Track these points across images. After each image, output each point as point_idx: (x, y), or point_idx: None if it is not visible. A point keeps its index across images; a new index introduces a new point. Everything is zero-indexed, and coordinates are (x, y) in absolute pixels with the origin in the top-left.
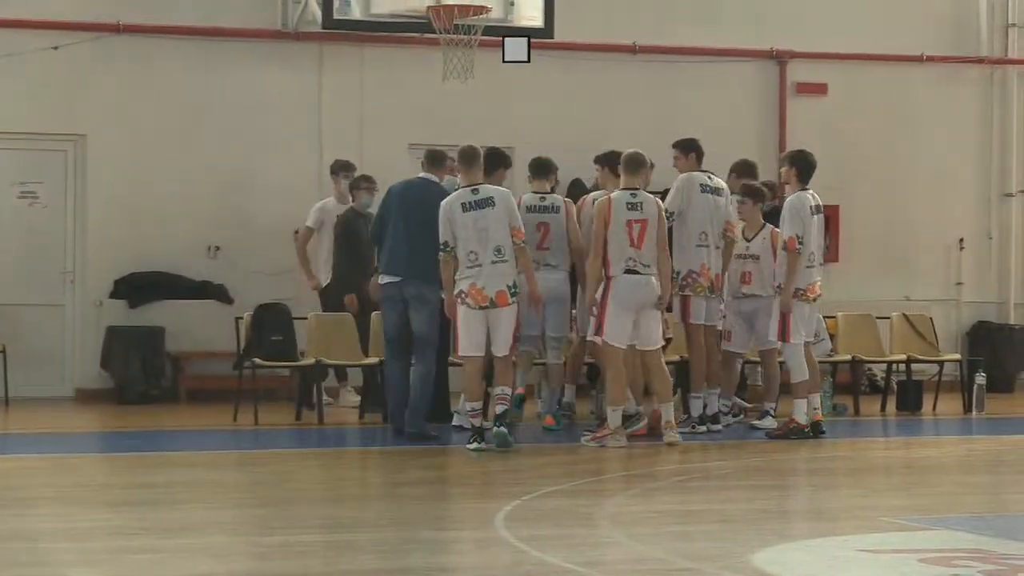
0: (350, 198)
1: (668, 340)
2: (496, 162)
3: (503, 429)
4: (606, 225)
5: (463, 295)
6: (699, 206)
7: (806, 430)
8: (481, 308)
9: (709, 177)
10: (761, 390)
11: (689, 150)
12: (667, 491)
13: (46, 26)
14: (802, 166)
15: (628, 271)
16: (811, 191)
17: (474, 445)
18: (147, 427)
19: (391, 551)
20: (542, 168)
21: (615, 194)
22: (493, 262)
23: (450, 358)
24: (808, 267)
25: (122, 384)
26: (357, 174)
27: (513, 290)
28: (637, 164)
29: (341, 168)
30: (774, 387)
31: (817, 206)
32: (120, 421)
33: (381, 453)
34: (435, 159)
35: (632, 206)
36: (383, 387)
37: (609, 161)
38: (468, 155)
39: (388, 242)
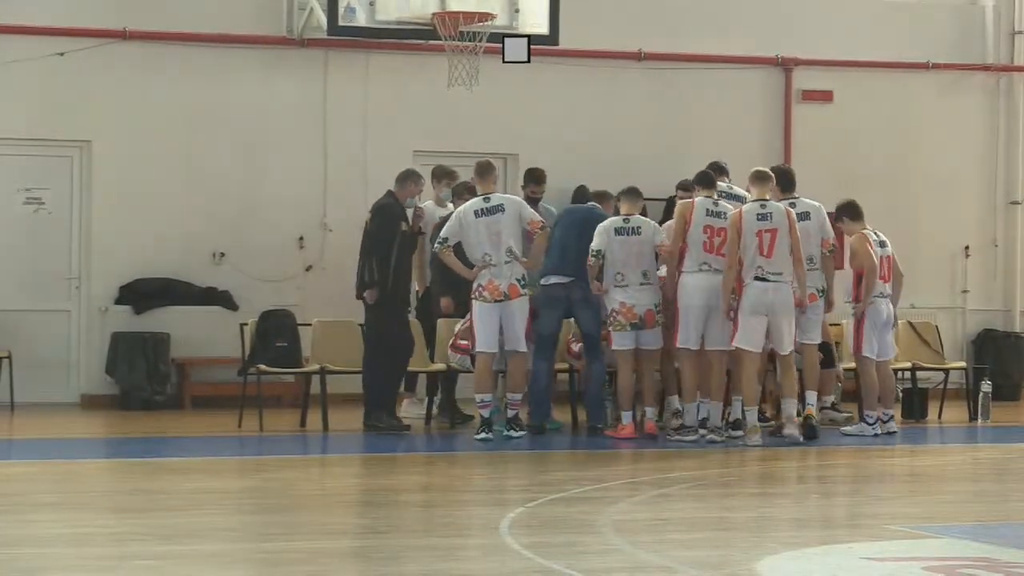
0: (449, 204)
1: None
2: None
3: (511, 433)
4: (739, 235)
5: (481, 289)
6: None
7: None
8: (496, 302)
9: (730, 187)
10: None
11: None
12: (671, 499)
13: (52, 32)
14: (781, 179)
15: (757, 278)
16: (793, 199)
17: (482, 436)
18: (152, 433)
19: (395, 558)
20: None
21: (746, 207)
22: (506, 262)
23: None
24: (815, 270)
25: (127, 390)
26: (403, 178)
27: (522, 282)
28: (764, 177)
29: (444, 175)
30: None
31: (800, 214)
32: (125, 427)
33: (385, 459)
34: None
35: (762, 217)
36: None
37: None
38: (483, 168)
39: (556, 248)
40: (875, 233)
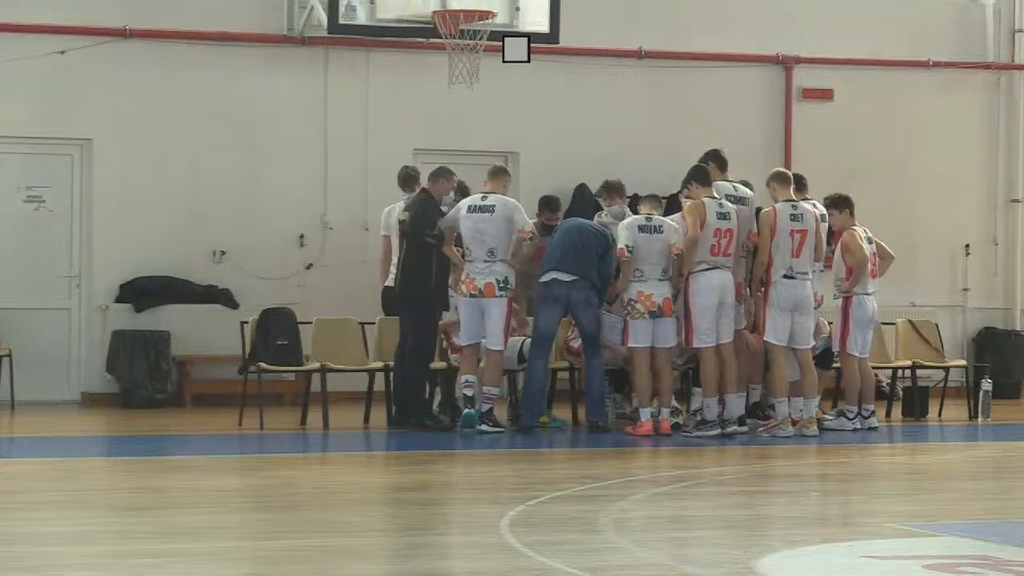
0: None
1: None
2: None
3: (484, 427)
4: (772, 234)
5: (461, 284)
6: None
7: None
8: (472, 296)
9: (735, 187)
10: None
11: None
12: (670, 496)
13: (53, 31)
14: (780, 180)
15: (786, 276)
16: (792, 202)
17: (466, 411)
18: (152, 431)
19: (395, 556)
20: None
21: (779, 205)
22: (485, 261)
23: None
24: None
25: (127, 388)
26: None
27: (502, 285)
28: (787, 179)
29: (409, 179)
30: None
31: (794, 215)
32: (125, 425)
33: (386, 457)
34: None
35: (795, 217)
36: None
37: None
38: (493, 171)
39: (557, 248)
40: (863, 230)
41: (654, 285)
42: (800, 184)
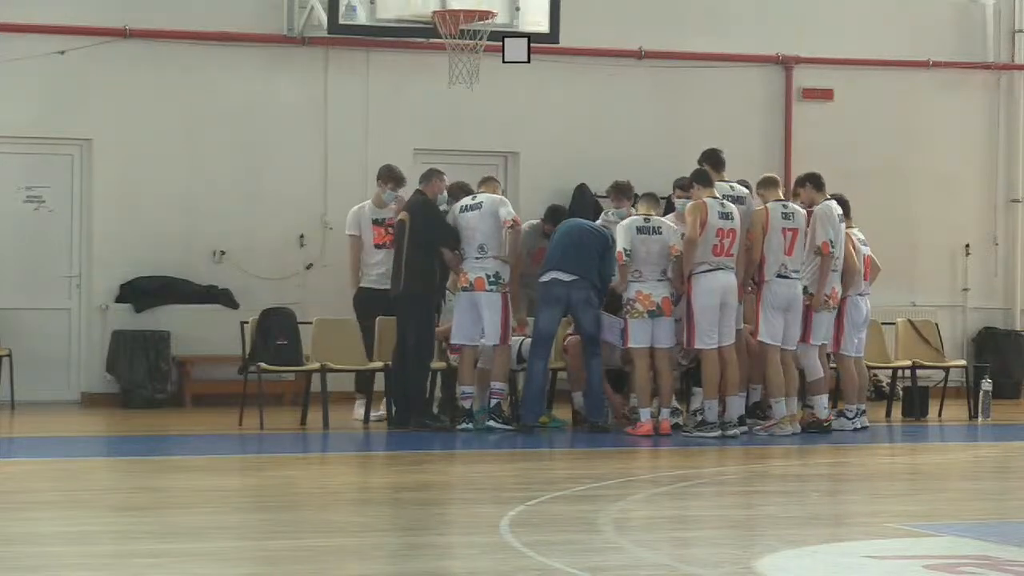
0: (392, 205)
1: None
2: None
3: (491, 423)
4: (764, 232)
5: (456, 282)
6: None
7: (825, 424)
8: (463, 290)
9: (731, 187)
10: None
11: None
12: (671, 496)
13: (53, 31)
14: (814, 182)
15: (779, 275)
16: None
17: (463, 426)
18: (152, 431)
19: (396, 556)
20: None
21: (770, 204)
22: (477, 258)
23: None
24: (834, 271)
25: (128, 388)
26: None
27: (492, 279)
28: (775, 182)
29: (390, 178)
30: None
31: (786, 214)
32: (125, 425)
33: (386, 458)
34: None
35: (786, 216)
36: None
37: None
38: (482, 180)
39: (557, 248)
40: (858, 232)
41: (653, 285)
42: (819, 184)
